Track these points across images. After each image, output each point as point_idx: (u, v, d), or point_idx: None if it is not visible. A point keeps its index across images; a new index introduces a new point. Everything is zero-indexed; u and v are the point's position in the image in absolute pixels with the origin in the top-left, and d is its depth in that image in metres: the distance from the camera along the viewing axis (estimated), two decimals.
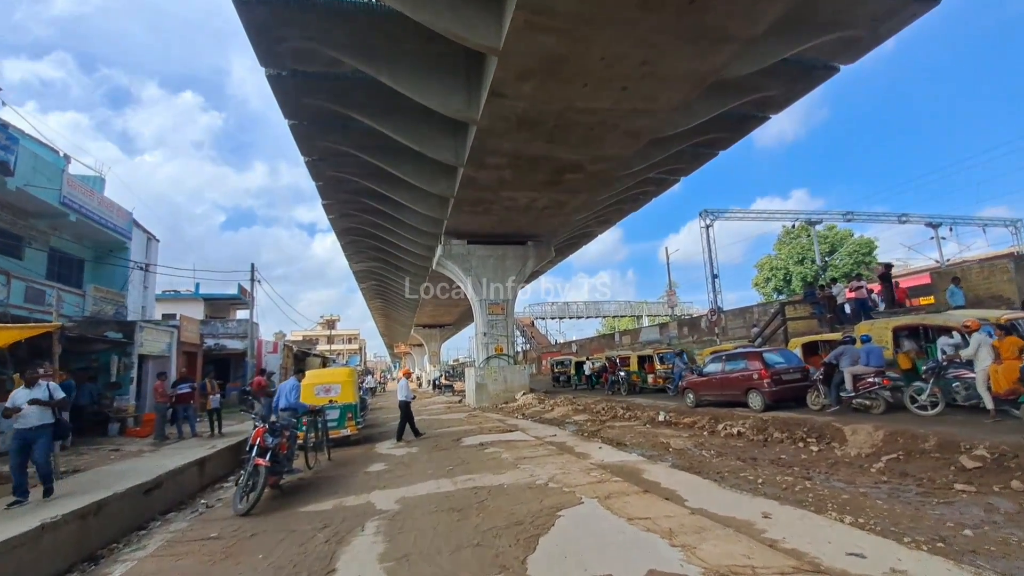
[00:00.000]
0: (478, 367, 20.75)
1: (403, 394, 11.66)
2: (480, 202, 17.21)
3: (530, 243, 21.88)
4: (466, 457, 8.21)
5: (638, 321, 59.59)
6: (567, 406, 16.08)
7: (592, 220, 25.21)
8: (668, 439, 9.32)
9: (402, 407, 11.43)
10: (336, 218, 23.24)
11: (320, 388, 10.03)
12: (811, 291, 14.88)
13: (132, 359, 12.52)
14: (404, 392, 11.71)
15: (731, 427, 9.48)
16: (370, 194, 19.84)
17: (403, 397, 11.56)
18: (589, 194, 17.28)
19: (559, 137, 12.55)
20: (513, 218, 19.06)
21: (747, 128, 17.37)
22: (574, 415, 14.50)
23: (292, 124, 14.54)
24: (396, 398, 12.01)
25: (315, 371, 12.24)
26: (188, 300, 29.00)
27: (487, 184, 15.58)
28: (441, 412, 17.16)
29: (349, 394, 10.17)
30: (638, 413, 12.78)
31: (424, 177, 16.39)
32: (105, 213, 14.90)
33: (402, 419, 11.37)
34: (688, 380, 12.30)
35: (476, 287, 21.20)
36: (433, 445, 9.85)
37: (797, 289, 47.05)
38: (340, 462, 8.68)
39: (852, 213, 30.13)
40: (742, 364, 10.63)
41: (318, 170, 17.80)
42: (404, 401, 11.48)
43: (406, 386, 11.88)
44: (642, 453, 8.20)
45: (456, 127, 13.68)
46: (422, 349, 68.32)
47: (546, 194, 16.59)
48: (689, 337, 23.78)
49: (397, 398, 11.77)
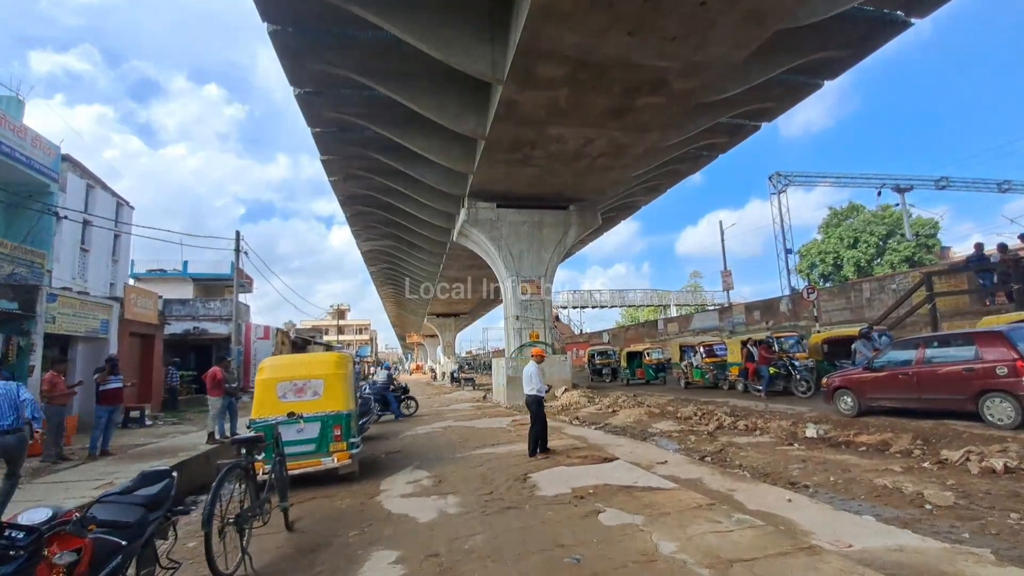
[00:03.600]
0: (509, 357, 17.02)
1: (533, 386, 7.28)
2: (518, 145, 13.34)
3: (572, 207, 18.01)
4: (567, 535, 3.85)
5: (664, 311, 55.54)
6: (634, 407, 12.27)
7: (640, 186, 21.24)
8: (873, 475, 5.48)
9: (533, 408, 7.24)
10: (339, 180, 19.52)
11: (288, 387, 5.82)
12: (979, 255, 10.85)
13: (34, 338, 8.91)
14: (535, 382, 7.28)
15: (980, 457, 5.59)
16: (379, 146, 16.12)
17: (534, 391, 7.24)
18: (660, 134, 13.33)
19: (650, 22, 8.61)
20: (556, 172, 15.19)
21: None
22: (650, 420, 10.70)
23: (272, 30, 10.80)
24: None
25: (281, 358, 7.65)
26: (174, 280, 25.71)
27: (532, 115, 11.71)
28: (471, 415, 13.39)
29: (337, 396, 5.94)
30: (758, 422, 8.92)
31: (448, 110, 12.58)
32: (17, 143, 11.29)
33: (534, 427, 7.18)
34: (843, 377, 8.41)
35: (507, 261, 17.41)
36: (484, 492, 5.33)
37: (850, 275, 42.63)
38: (306, 540, 4.22)
39: (946, 179, 25.67)
40: (964, 352, 6.71)
41: (313, 108, 14.06)
42: (538, 397, 7.26)
43: (536, 373, 7.35)
44: (885, 516, 4.39)
45: (494, 19, 9.84)
46: (435, 340, 64.96)
47: (607, 131, 12.67)
48: (762, 322, 19.78)
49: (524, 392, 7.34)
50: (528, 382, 7.35)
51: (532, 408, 7.35)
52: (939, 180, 25.44)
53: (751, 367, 12.34)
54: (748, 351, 12.54)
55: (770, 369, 11.56)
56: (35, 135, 12.86)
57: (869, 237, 42.51)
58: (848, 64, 13.93)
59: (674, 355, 16.51)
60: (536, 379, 7.32)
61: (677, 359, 16.09)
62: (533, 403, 7.32)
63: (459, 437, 9.43)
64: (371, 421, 9.17)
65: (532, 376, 7.35)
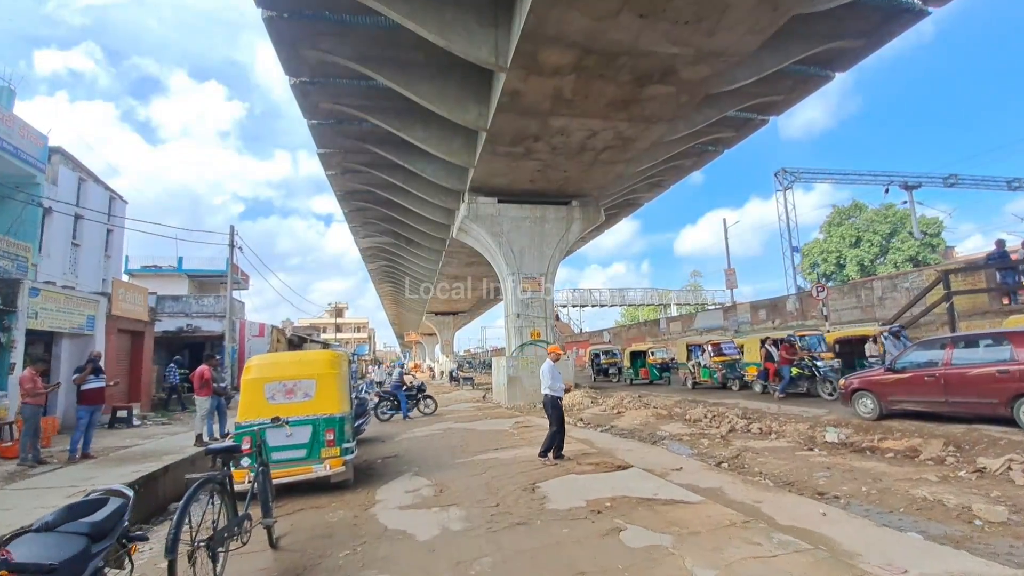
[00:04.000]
0: (510, 357, 16.61)
1: (549, 384, 6.85)
2: (521, 137, 12.92)
3: (575, 203, 17.59)
4: (585, 559, 3.41)
5: (664, 310, 55.20)
6: (640, 409, 11.89)
7: (643, 182, 20.83)
8: (907, 485, 5.09)
9: (549, 409, 6.85)
10: (337, 175, 19.07)
11: (277, 388, 5.34)
12: (1000, 251, 10.43)
13: (14, 334, 8.43)
14: (550, 380, 6.86)
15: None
16: (378, 139, 15.71)
17: (551, 390, 6.81)
18: (668, 126, 12.91)
19: (662, 4, 8.19)
20: (559, 166, 14.78)
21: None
22: (658, 423, 10.32)
23: (267, 16, 10.36)
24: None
25: (271, 356, 7.09)
26: (169, 276, 25.25)
27: (535, 105, 11.29)
28: (471, 416, 12.96)
29: (330, 397, 5.45)
30: (772, 425, 8.54)
31: (449, 100, 12.15)
32: (4, 131, 10.83)
33: (553, 428, 6.77)
34: (862, 378, 8.00)
35: (508, 257, 17.00)
36: (490, 504, 4.85)
37: (853, 274, 42.25)
38: (291, 561, 3.74)
39: (955, 176, 25.26)
40: (998, 352, 6.31)
41: (309, 99, 13.62)
42: (555, 397, 6.83)
43: (551, 371, 6.93)
44: (931, 533, 4.00)
45: (499, 2, 9.43)
46: (434, 339, 64.54)
47: (613, 123, 12.25)
48: (768, 321, 19.39)
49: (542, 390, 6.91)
50: (547, 379, 6.94)
51: (548, 409, 6.96)
52: (947, 177, 25.05)
53: (771, 367, 11.84)
54: (767, 351, 12.04)
55: (792, 370, 11.04)
56: (23, 124, 12.40)
57: (872, 236, 42.16)
58: (861, 55, 13.56)
59: (680, 354, 16.04)
60: (551, 377, 6.93)
61: (684, 359, 15.63)
62: (549, 404, 6.92)
63: (460, 440, 8.96)
64: (368, 423, 8.74)
65: (547, 374, 6.95)
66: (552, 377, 6.94)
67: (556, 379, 6.97)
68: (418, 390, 13.86)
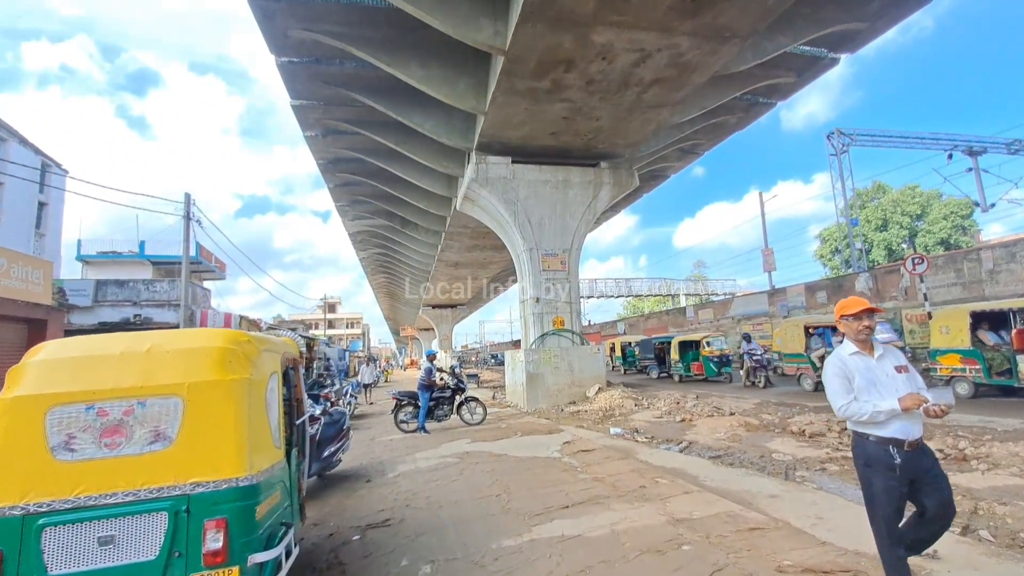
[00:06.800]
0: (529, 349, 13.74)
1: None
2: (551, 64, 9.96)
3: (603, 164, 14.70)
4: None
5: (673, 301, 52.47)
6: (715, 416, 9.02)
7: (675, 146, 17.93)
8: None
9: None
10: (318, 137, 16.05)
11: (82, 420, 2.08)
12: None
13: None
14: None
15: None
16: (365, 85, 12.77)
17: None
18: (739, 47, 9.95)
19: None
20: (592, 111, 11.86)
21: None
22: (752, 436, 7.45)
23: None
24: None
25: (76, 343, 2.59)
26: (130, 263, 22.11)
27: (574, 6, 8.33)
28: (494, 428, 9.97)
29: (220, 439, 2.34)
30: (991, 450, 5.67)
31: (452, 13, 9.18)
32: None
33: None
34: None
35: (524, 230, 14.10)
36: None
37: (880, 259, 39.64)
38: None
39: (1020, 142, 22.48)
40: None
41: (273, 23, 10.62)
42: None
43: None
44: None
45: None
46: (430, 334, 61.62)
47: (674, 38, 9.30)
48: (829, 304, 16.58)
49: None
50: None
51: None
52: (1011, 143, 22.30)
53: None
54: (975, 337, 8.69)
55: None
56: None
57: (901, 218, 39.45)
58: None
59: (790, 343, 12.25)
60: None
61: (795, 348, 11.95)
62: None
63: (490, 481, 5.62)
64: (346, 449, 5.74)
65: None
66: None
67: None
68: (455, 390, 10.29)
